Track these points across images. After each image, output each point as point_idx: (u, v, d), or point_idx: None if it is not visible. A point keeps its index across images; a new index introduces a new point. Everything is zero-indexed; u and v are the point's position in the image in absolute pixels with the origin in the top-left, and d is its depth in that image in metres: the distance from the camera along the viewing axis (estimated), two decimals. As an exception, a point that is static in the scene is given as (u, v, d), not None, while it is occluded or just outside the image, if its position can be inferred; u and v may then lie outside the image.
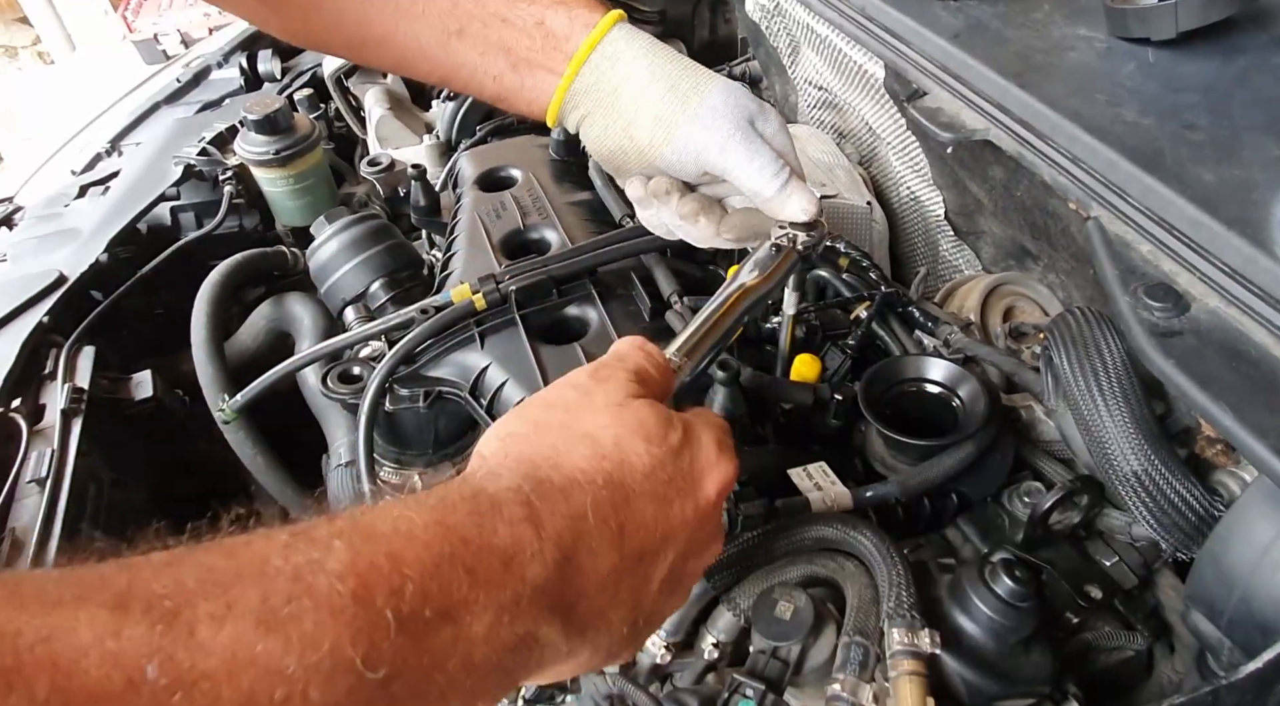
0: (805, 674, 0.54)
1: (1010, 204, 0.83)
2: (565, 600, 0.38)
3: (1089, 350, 0.59)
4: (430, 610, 0.32)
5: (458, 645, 0.33)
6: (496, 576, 0.35)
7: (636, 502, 0.41)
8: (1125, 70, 0.73)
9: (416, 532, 0.34)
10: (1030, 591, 0.53)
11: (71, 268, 1.14)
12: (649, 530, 0.42)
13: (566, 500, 0.39)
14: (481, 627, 0.34)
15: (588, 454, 0.42)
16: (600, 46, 0.66)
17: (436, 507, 0.36)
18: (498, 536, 0.36)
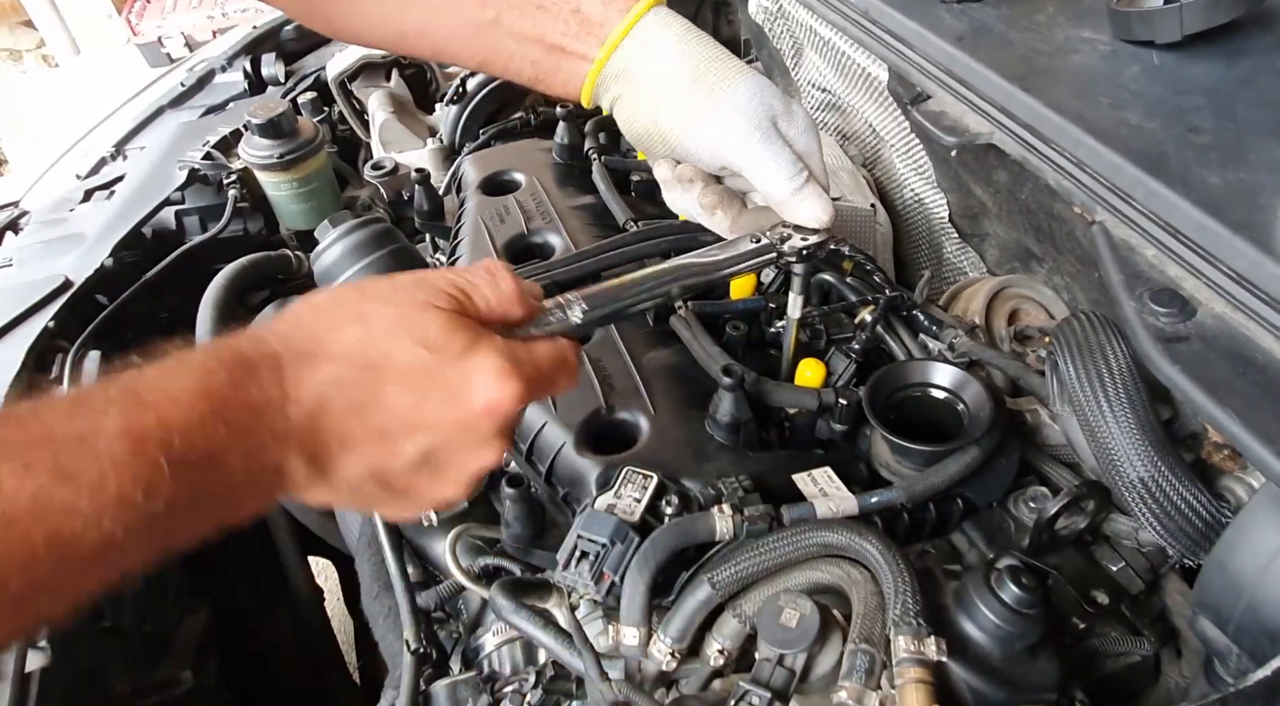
0: (811, 681, 0.54)
1: (1015, 207, 0.83)
2: (307, 447, 0.45)
3: (1094, 355, 0.59)
4: (195, 455, 0.40)
5: (220, 477, 0.42)
6: (249, 426, 0.43)
7: (385, 385, 0.47)
8: (1130, 73, 0.72)
9: (183, 397, 0.41)
10: (1036, 598, 0.53)
11: (77, 272, 1.14)
12: (395, 415, 0.47)
13: (315, 370, 0.45)
14: (237, 464, 0.42)
15: (356, 336, 0.47)
16: (634, 32, 0.67)
17: (199, 372, 0.42)
18: (249, 394, 0.43)
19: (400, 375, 0.47)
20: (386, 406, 0.47)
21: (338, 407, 0.46)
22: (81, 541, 0.36)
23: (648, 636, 0.61)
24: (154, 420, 0.40)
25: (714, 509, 0.63)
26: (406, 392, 0.47)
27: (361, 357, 0.47)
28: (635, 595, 0.61)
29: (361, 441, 0.47)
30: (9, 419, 0.39)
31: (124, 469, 0.38)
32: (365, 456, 0.47)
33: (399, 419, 0.47)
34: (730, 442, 0.74)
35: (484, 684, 0.70)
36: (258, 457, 0.44)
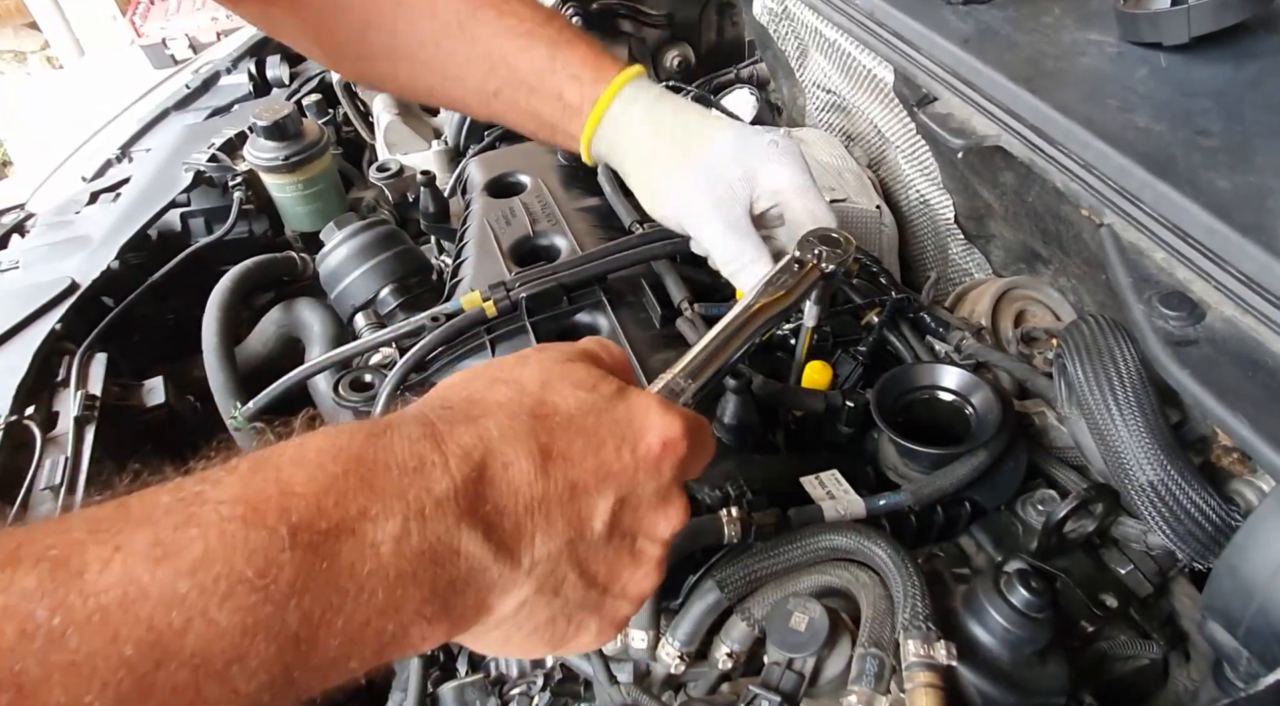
0: (820, 685, 0.54)
1: (1021, 209, 0.83)
2: (481, 511, 0.36)
3: (1103, 358, 0.59)
4: (326, 522, 0.32)
5: (363, 553, 0.33)
6: (396, 486, 0.34)
7: (562, 434, 0.40)
8: (1137, 75, 0.72)
9: (308, 456, 0.34)
10: (1046, 602, 0.53)
11: (83, 275, 1.14)
12: (579, 463, 0.39)
13: (474, 423, 0.38)
14: (386, 535, 0.33)
15: (509, 393, 0.41)
16: (604, 118, 0.74)
17: (330, 435, 0.36)
18: (393, 453, 0.35)
19: (569, 421, 0.40)
20: (568, 453, 0.39)
21: (514, 464, 0.38)
22: (183, 640, 0.28)
23: (656, 639, 0.61)
24: (273, 481, 0.33)
25: (721, 512, 0.63)
26: (580, 436, 0.40)
27: (522, 408, 0.40)
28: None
29: (552, 503, 0.38)
30: (111, 501, 0.32)
31: (233, 541, 0.30)
32: (559, 524, 0.39)
33: (583, 469, 0.39)
34: (737, 445, 0.74)
35: (492, 686, 0.70)
36: (415, 530, 0.34)
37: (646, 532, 0.43)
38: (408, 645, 0.35)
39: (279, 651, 0.31)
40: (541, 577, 0.39)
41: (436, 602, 0.35)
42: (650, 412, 0.42)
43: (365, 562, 0.33)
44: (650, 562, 0.43)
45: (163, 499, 0.31)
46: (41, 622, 0.27)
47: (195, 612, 0.29)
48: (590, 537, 0.40)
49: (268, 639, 0.30)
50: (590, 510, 0.40)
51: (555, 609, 0.41)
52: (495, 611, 0.38)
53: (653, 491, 0.42)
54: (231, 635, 0.29)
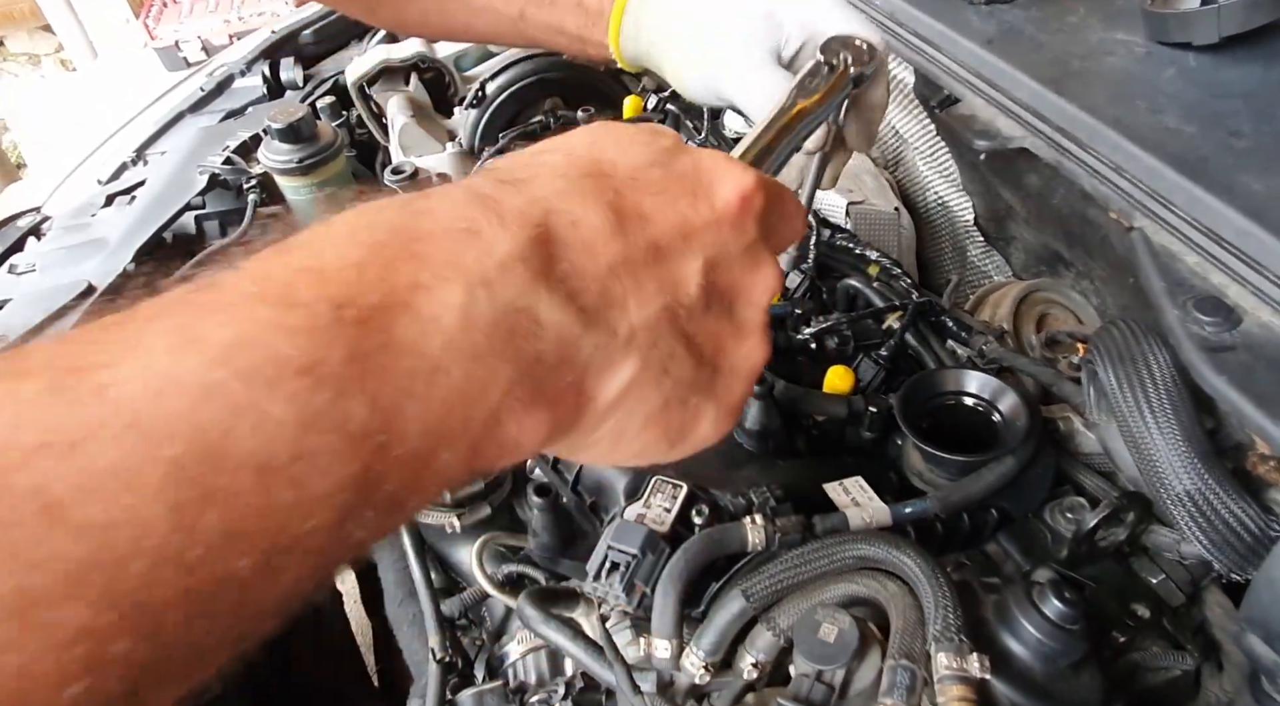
0: (850, 698, 0.53)
1: (1045, 212, 0.82)
2: (556, 271, 0.30)
3: (1136, 364, 0.58)
4: (374, 295, 0.27)
5: (424, 328, 0.27)
6: (447, 252, 0.28)
7: (628, 191, 0.34)
8: (1166, 76, 0.71)
9: (337, 231, 0.29)
10: (1080, 612, 0.52)
11: (100, 278, 1.14)
12: (656, 220, 0.34)
13: (524, 185, 0.32)
14: (447, 305, 0.27)
15: (558, 157, 0.35)
16: (625, 15, 0.71)
17: (359, 210, 0.30)
18: (436, 219, 0.29)
19: (632, 176, 0.34)
20: (639, 210, 0.33)
21: (584, 220, 0.32)
22: (232, 438, 0.23)
23: (680, 648, 0.60)
24: (302, 259, 0.27)
25: (745, 519, 0.63)
26: (648, 193, 0.34)
27: (578, 168, 0.34)
28: (667, 607, 0.60)
29: (637, 265, 0.32)
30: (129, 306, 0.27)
31: (268, 322, 0.25)
32: (649, 287, 0.33)
33: (662, 226, 0.33)
34: (758, 451, 0.73)
35: (513, 694, 0.70)
36: (482, 297, 0.28)
37: (745, 297, 0.37)
38: (507, 440, 0.30)
39: (350, 445, 0.25)
40: (645, 350, 0.33)
41: (526, 383, 0.29)
42: (719, 164, 0.37)
43: (429, 337, 0.27)
44: (755, 331, 0.37)
45: (175, 294, 0.27)
46: (57, 429, 0.22)
47: (240, 404, 0.24)
48: (688, 302, 0.34)
49: (333, 431, 0.25)
50: (681, 272, 0.34)
51: (666, 391, 0.34)
52: (598, 397, 0.32)
53: (742, 249, 0.36)
54: (288, 428, 0.24)
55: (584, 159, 0.34)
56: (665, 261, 0.34)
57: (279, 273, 0.27)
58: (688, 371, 0.35)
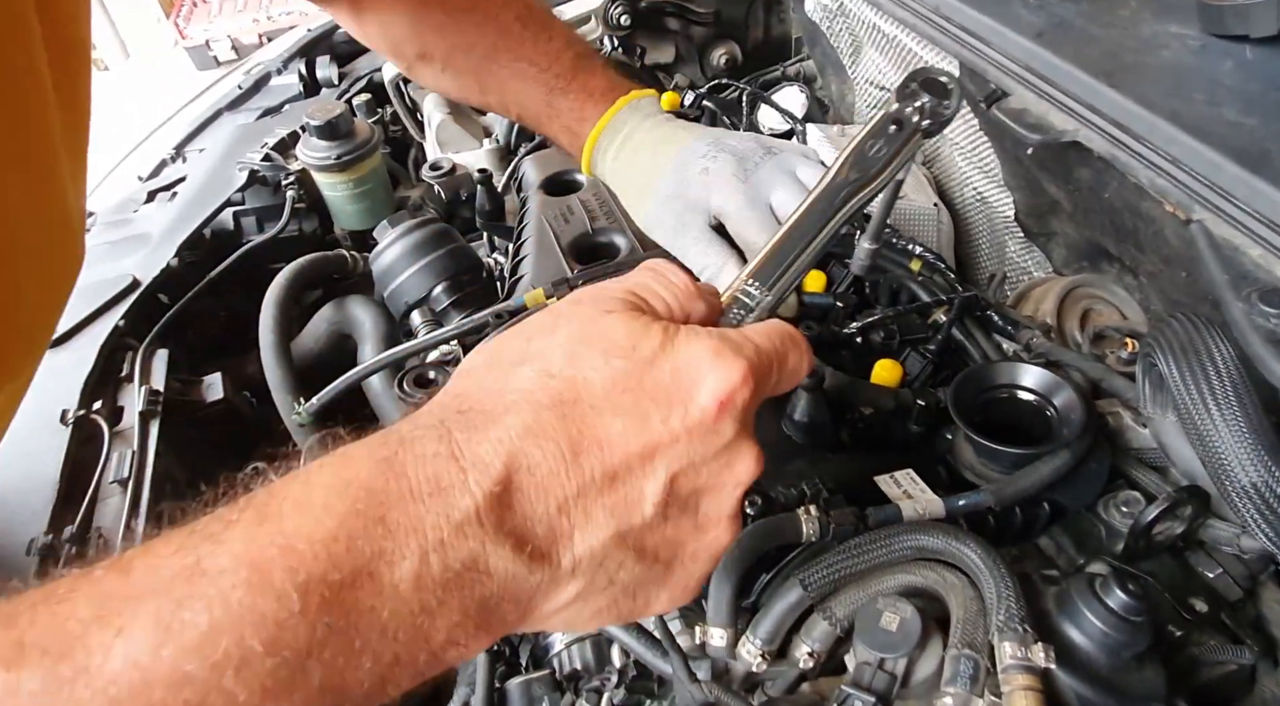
0: (912, 686, 0.53)
1: (1095, 206, 0.82)
2: (508, 525, 0.34)
3: (1199, 357, 0.57)
4: (338, 573, 0.30)
5: (381, 596, 0.31)
6: (411, 519, 0.32)
7: (595, 419, 0.36)
8: (1223, 69, 0.71)
9: (314, 498, 0.32)
10: (1144, 605, 0.51)
11: (143, 272, 1.16)
12: (618, 448, 0.35)
13: (493, 426, 0.35)
14: (404, 574, 0.31)
15: (532, 376, 0.37)
16: (593, 166, 0.84)
17: (338, 465, 0.33)
18: (407, 478, 0.33)
19: (602, 398, 0.36)
20: (602, 442, 0.35)
21: (540, 465, 0.34)
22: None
23: (735, 637, 0.60)
24: (278, 534, 0.31)
25: (799, 510, 0.63)
26: (618, 417, 0.36)
27: (548, 396, 0.36)
28: (722, 596, 0.61)
29: (589, 497, 0.35)
30: (115, 565, 0.31)
31: (239, 612, 0.29)
32: (600, 518, 0.35)
33: (622, 452, 0.35)
34: (807, 443, 0.74)
35: (567, 682, 0.70)
36: (435, 562, 0.32)
37: (711, 495, 0.39)
38: (447, 661, 0.34)
39: (306, 702, 0.30)
40: (589, 573, 0.36)
41: (469, 623, 0.34)
42: (701, 366, 0.37)
43: (385, 605, 0.31)
44: (720, 522, 0.40)
45: (165, 566, 0.30)
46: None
47: (209, 689, 0.28)
48: (641, 522, 0.37)
49: (291, 694, 0.30)
50: (636, 494, 0.36)
51: (615, 592, 0.38)
52: (542, 611, 0.36)
53: (712, 454, 0.38)
54: (252, 701, 0.29)
55: (559, 382, 0.36)
56: (619, 487, 0.36)
57: (260, 553, 0.30)
58: (637, 575, 0.38)
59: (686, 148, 0.79)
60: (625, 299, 0.41)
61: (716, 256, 0.74)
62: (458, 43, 0.84)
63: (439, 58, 0.86)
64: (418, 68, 0.89)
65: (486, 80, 0.85)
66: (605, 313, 0.39)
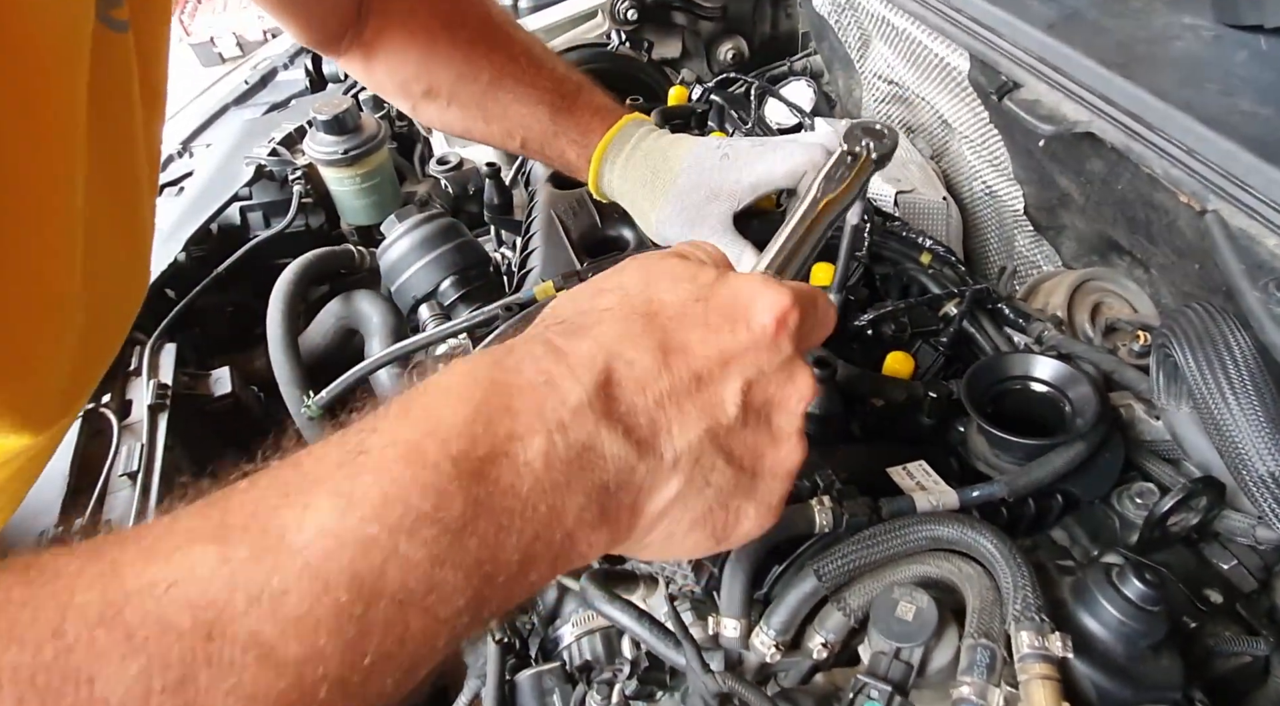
0: (928, 676, 0.53)
1: (1107, 198, 0.81)
2: (616, 412, 0.37)
3: (1216, 346, 0.57)
4: (481, 449, 0.34)
5: (518, 473, 0.34)
6: (532, 404, 0.36)
7: (675, 329, 0.40)
8: (1237, 59, 0.70)
9: (450, 389, 0.36)
10: (1161, 594, 0.51)
11: (151, 267, 1.16)
12: (696, 351, 0.40)
13: (588, 333, 0.39)
14: (535, 452, 0.35)
15: (613, 299, 0.42)
16: (599, 180, 0.85)
17: (463, 368, 0.37)
18: (521, 374, 0.37)
19: (678, 313, 0.40)
20: (685, 345, 0.39)
21: (636, 362, 0.38)
22: (383, 580, 0.30)
23: (749, 628, 0.60)
24: (423, 423, 0.34)
25: (812, 501, 0.63)
26: (694, 328, 0.40)
27: (631, 310, 0.40)
28: (736, 586, 0.60)
29: (681, 395, 0.38)
30: (285, 463, 0.34)
31: (404, 480, 0.32)
32: (694, 414, 0.39)
33: (703, 357, 0.39)
34: (819, 435, 0.73)
35: (578, 673, 0.70)
36: (559, 442, 0.35)
37: (780, 407, 0.42)
38: (576, 554, 0.37)
39: (466, 576, 0.32)
40: (688, 469, 0.39)
41: (593, 507, 0.36)
42: (755, 290, 0.42)
43: (523, 481, 0.34)
44: (791, 437, 0.43)
45: (331, 454, 0.34)
46: (264, 586, 0.29)
47: (388, 552, 0.31)
48: (727, 422, 0.40)
49: (455, 566, 0.32)
50: (719, 397, 0.40)
51: (709, 499, 0.40)
52: (648, 511, 0.39)
53: (777, 366, 0.42)
54: (423, 567, 0.31)
55: (639, 299, 0.41)
56: (704, 388, 0.39)
57: (410, 435, 0.34)
58: (728, 480, 0.41)
59: (699, 144, 0.80)
60: (677, 251, 0.46)
61: (733, 246, 0.75)
62: (464, 72, 0.86)
63: (444, 91, 0.87)
64: (422, 105, 0.90)
65: (490, 107, 0.87)
66: (663, 257, 0.44)
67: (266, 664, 0.28)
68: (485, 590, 0.33)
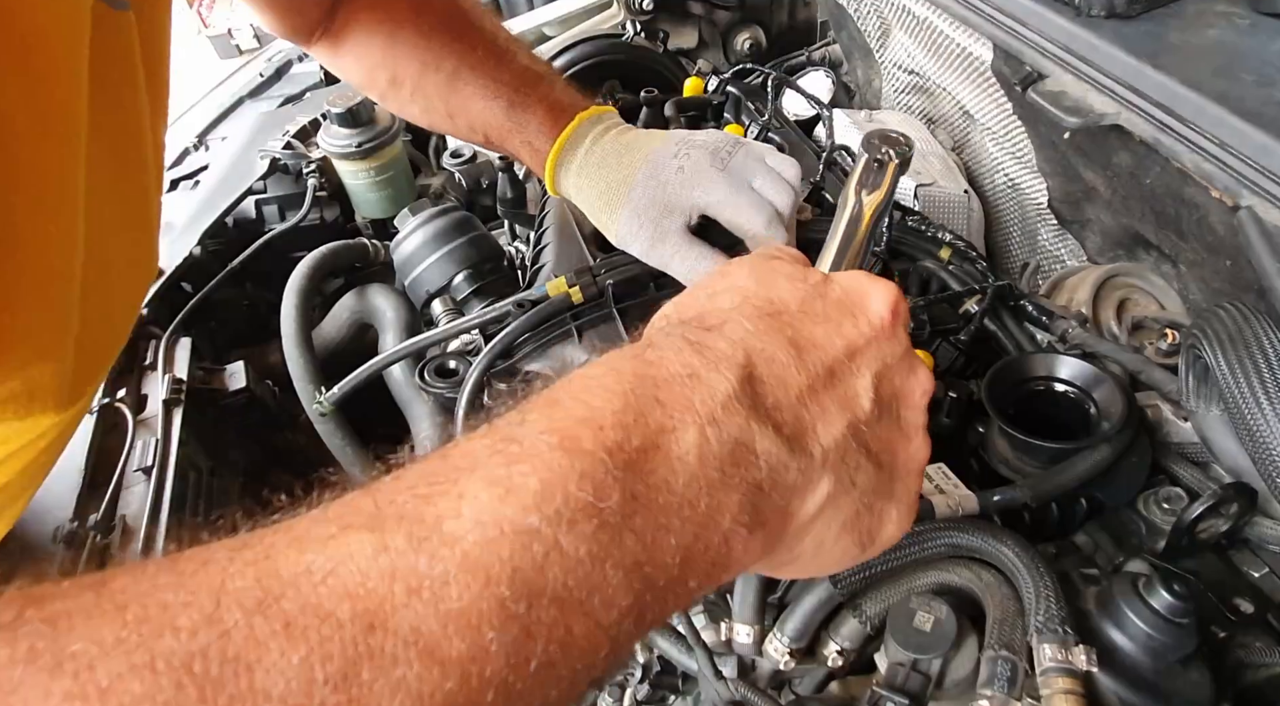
0: (946, 688, 0.52)
1: (1135, 192, 0.79)
2: (763, 406, 0.36)
3: (1249, 347, 0.55)
4: (636, 438, 0.32)
5: (673, 467, 0.32)
6: (681, 397, 0.34)
7: (799, 324, 0.39)
8: (1274, 49, 0.68)
9: (596, 381, 0.34)
10: (1191, 606, 0.50)
11: (167, 261, 1.16)
12: (826, 346, 0.39)
13: (721, 330, 0.38)
14: (689, 445, 0.33)
15: (736, 299, 0.40)
16: (557, 183, 0.83)
17: (603, 362, 0.36)
18: (665, 367, 0.35)
19: (799, 309, 0.39)
20: (813, 340, 0.38)
21: (774, 358, 0.37)
22: (545, 576, 0.28)
23: (762, 634, 0.59)
24: (575, 407, 0.33)
25: (828, 505, 0.61)
26: (817, 323, 0.39)
27: (755, 309, 0.39)
28: (748, 592, 0.59)
29: (820, 391, 0.37)
30: (431, 455, 0.33)
31: (562, 469, 0.30)
32: (834, 410, 0.38)
33: (832, 351, 0.38)
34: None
35: (590, 678, 0.69)
36: (712, 436, 0.34)
37: (906, 401, 0.41)
38: (732, 560, 0.34)
39: (626, 577, 0.30)
40: (836, 468, 0.37)
41: (748, 509, 0.34)
42: (864, 285, 0.42)
43: (678, 476, 0.32)
44: (919, 430, 0.42)
45: (480, 445, 0.32)
46: (425, 577, 0.27)
47: (549, 545, 0.29)
48: (864, 415, 0.39)
49: (615, 565, 0.30)
50: (853, 391, 0.39)
51: (856, 501, 0.39)
52: (800, 515, 0.37)
53: (899, 357, 0.41)
54: (584, 565, 0.29)
55: (759, 298, 0.40)
56: (840, 382, 0.38)
57: (563, 424, 0.32)
58: (871, 479, 0.39)
59: (655, 151, 0.78)
60: (768, 254, 0.45)
61: (700, 260, 0.74)
62: (427, 61, 0.84)
63: (409, 81, 0.86)
64: (389, 94, 0.89)
65: (452, 100, 0.84)
66: (764, 259, 0.43)
67: (430, 660, 0.26)
68: (646, 595, 0.31)
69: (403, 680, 0.25)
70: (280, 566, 0.26)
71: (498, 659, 0.27)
